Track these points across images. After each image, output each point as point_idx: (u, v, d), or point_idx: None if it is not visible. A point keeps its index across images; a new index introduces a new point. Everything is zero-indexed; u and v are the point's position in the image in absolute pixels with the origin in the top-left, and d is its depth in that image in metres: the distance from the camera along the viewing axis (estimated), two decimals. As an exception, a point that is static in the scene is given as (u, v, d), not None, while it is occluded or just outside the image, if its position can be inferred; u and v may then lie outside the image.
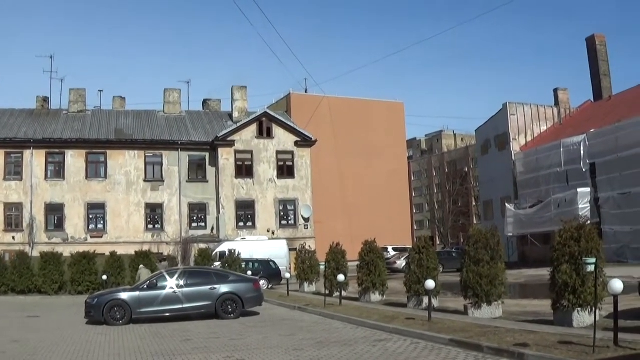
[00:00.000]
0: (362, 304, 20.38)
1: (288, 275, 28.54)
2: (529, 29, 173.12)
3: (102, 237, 43.96)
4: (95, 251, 32.19)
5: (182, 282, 18.15)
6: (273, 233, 45.94)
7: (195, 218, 46.94)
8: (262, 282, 26.32)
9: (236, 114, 50.20)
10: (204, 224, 46.87)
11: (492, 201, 56.72)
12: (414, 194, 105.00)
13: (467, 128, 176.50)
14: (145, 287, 18.23)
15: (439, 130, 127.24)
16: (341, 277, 20.51)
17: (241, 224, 46.46)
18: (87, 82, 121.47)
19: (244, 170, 46.96)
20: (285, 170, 47.97)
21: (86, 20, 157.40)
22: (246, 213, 46.76)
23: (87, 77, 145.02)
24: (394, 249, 51.04)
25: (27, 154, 44.12)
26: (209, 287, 18.17)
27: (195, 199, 46.78)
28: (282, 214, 47.58)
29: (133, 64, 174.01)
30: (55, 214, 44.51)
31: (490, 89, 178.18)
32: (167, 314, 17.71)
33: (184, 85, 75.15)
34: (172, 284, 18.06)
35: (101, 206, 45.09)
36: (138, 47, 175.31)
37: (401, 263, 36.08)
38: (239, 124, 47.39)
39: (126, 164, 45.84)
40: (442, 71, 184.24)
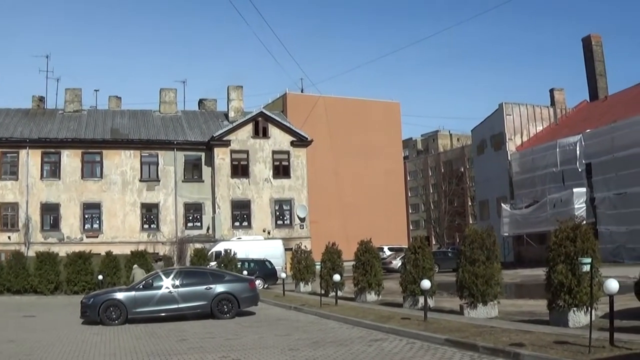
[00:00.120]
0: (357, 303, 20.38)
1: (284, 275, 28.52)
2: (525, 29, 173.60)
3: (97, 237, 43.93)
4: (90, 251, 32.13)
5: (177, 282, 18.14)
6: (269, 233, 45.95)
7: (191, 218, 46.92)
8: (257, 282, 26.49)
9: (232, 114, 50.22)
10: (199, 224, 46.85)
11: (487, 201, 56.74)
12: (409, 194, 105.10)
13: (463, 128, 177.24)
14: (141, 287, 18.22)
15: (435, 130, 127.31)
16: (337, 277, 20.50)
17: (237, 223, 46.45)
18: (82, 81, 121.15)
19: (240, 170, 46.96)
20: (281, 170, 47.97)
21: (82, 20, 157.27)
22: (242, 213, 46.76)
23: (82, 77, 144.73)
24: (389, 248, 50.93)
25: (22, 153, 44.04)
26: (205, 287, 18.16)
27: (191, 198, 46.75)
28: (277, 213, 47.61)
29: (129, 63, 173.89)
30: (50, 213, 44.45)
31: (486, 89, 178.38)
32: (163, 314, 17.70)
33: (180, 85, 75.53)
34: (167, 283, 18.05)
35: (97, 206, 45.04)
36: (134, 47, 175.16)
37: (397, 263, 35.97)
38: (234, 124, 47.39)
39: (122, 164, 45.78)
40: (438, 71, 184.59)
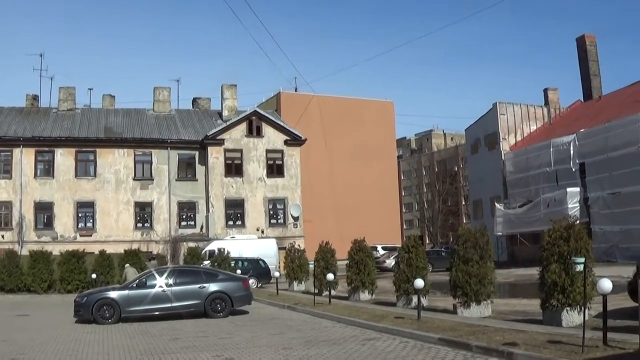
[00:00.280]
0: (351, 302, 20.38)
1: (277, 274, 28.48)
2: (519, 29, 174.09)
3: (91, 235, 43.77)
4: (84, 250, 32.14)
5: (171, 281, 18.13)
6: (262, 232, 45.90)
7: (184, 217, 46.81)
8: (251, 281, 26.48)
9: (226, 113, 50.17)
10: (193, 223, 46.73)
11: (481, 200, 56.87)
12: (403, 193, 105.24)
13: (456, 127, 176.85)
14: (135, 285, 18.18)
15: (428, 130, 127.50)
16: (330, 276, 20.54)
17: (230, 222, 46.35)
18: (76, 80, 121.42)
19: (234, 169, 46.89)
20: (275, 169, 47.92)
21: (76, 18, 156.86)
22: (235, 212, 46.68)
23: (76, 76, 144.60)
24: (383, 248, 51.05)
25: (16, 152, 43.85)
26: (198, 285, 18.15)
27: (184, 197, 46.64)
28: (271, 212, 47.55)
29: (123, 62, 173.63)
30: (44, 212, 44.27)
31: (480, 89, 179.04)
32: (157, 313, 17.69)
33: (173, 83, 75.43)
34: (161, 282, 18.03)
35: (90, 205, 44.88)
36: (128, 46, 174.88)
37: (390, 262, 36.03)
38: (228, 123, 47.30)
39: (115, 163, 45.63)
40: (432, 70, 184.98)
